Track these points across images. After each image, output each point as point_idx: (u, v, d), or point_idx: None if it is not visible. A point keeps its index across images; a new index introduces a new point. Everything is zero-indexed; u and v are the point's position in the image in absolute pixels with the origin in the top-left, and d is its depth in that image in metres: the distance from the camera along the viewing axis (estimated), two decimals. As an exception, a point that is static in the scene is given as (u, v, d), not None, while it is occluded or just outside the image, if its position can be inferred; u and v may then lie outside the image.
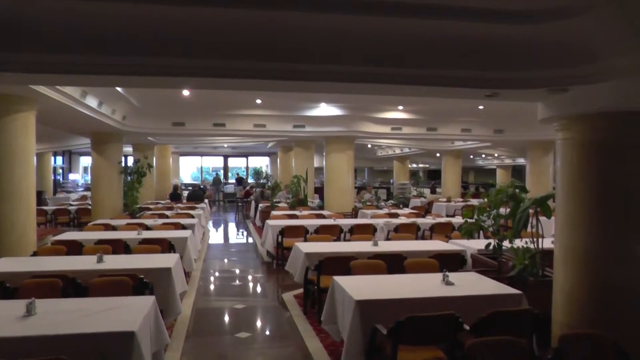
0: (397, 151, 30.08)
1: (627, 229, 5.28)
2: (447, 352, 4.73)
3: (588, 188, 5.39)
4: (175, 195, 21.33)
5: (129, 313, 4.52)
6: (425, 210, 18.88)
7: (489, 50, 4.80)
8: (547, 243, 6.83)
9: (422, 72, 4.88)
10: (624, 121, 5.20)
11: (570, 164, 5.57)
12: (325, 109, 15.81)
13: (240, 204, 25.81)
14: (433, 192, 25.47)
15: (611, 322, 5.11)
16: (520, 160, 30.18)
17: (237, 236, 18.65)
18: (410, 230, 11.50)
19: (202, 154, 37.82)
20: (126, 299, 5.10)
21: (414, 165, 43.87)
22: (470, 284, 5.96)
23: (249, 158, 38.85)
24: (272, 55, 4.61)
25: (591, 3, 4.00)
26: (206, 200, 22.38)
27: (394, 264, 7.04)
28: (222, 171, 38.55)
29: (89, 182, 24.20)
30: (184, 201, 21.36)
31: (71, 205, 19.31)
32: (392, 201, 22.48)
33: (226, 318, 7.91)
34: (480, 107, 14.27)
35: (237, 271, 11.57)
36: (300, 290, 8.40)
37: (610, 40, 4.34)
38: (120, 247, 8.36)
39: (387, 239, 10.97)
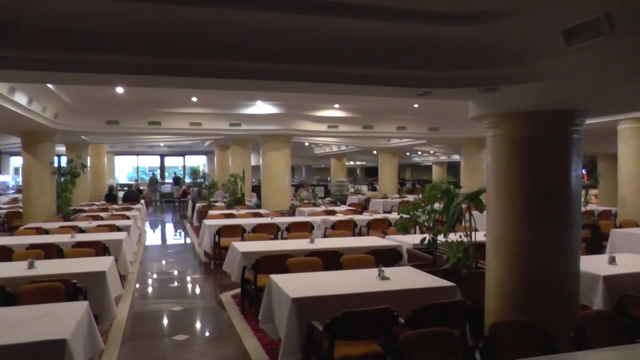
0: (335, 149, 30.25)
1: (553, 221, 5.57)
2: (383, 345, 4.83)
3: (517, 183, 5.63)
4: (110, 196, 20.89)
5: (60, 320, 4.37)
6: (363, 207, 19.09)
7: (422, 50, 4.90)
8: (480, 236, 7.05)
9: (355, 71, 4.93)
10: (549, 120, 5.49)
11: (500, 160, 5.78)
12: (261, 107, 15.75)
13: (177, 204, 25.48)
14: (373, 189, 25.70)
15: (539, 309, 5.37)
16: (456, 157, 30.78)
17: (174, 237, 18.43)
18: (347, 227, 11.62)
19: (138, 153, 36.96)
20: (58, 305, 4.93)
21: (352, 163, 44.20)
22: (406, 278, 6.08)
23: (186, 157, 38.27)
24: (201, 52, 4.56)
25: (517, 8, 4.17)
26: (142, 201, 21.99)
27: (331, 260, 7.10)
28: (158, 171, 37.88)
29: (20, 183, 23.40)
30: (120, 202, 20.91)
31: (1, 208, 18.59)
32: (330, 199, 22.63)
33: (163, 321, 7.79)
34: (416, 105, 14.51)
35: (175, 272, 11.42)
36: (238, 290, 8.34)
37: (535, 43, 4.55)
38: (53, 252, 8.08)
39: (325, 236, 11.02)
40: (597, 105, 5.91)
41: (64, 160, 18.46)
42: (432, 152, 31.80)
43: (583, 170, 15.69)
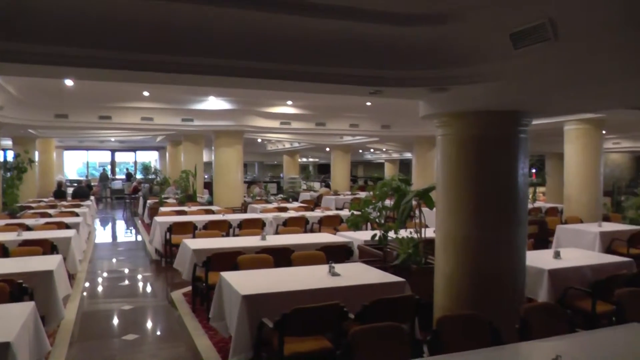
0: (287, 145, 30.21)
1: (499, 218, 5.74)
2: (332, 340, 4.88)
3: (465, 180, 5.77)
4: (59, 193, 20.45)
5: (4, 322, 4.22)
6: (315, 203, 19.15)
7: (373, 49, 4.96)
8: (429, 232, 7.18)
9: (307, 69, 4.97)
10: (497, 120, 5.66)
11: (449, 158, 5.91)
12: (214, 103, 15.65)
13: (128, 201, 25.10)
14: (327, 186, 25.78)
15: (486, 303, 5.53)
16: (408, 155, 31.06)
17: (125, 234, 18.11)
18: (299, 224, 11.65)
19: (88, 148, 36.22)
20: (2, 306, 4.75)
21: (304, 160, 44.22)
22: (356, 274, 6.15)
23: (138, 152, 37.70)
24: (153, 47, 4.52)
25: (467, 11, 4.29)
26: (92, 198, 21.60)
27: (282, 257, 7.12)
28: (109, 166, 37.24)
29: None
30: (69, 199, 20.48)
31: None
32: (282, 195, 22.62)
33: (113, 320, 7.66)
34: (368, 103, 14.64)
35: (125, 271, 11.22)
36: (189, 288, 8.28)
37: (483, 46, 4.69)
38: (-2, 251, 7.87)
39: (276, 233, 11.03)
40: (543, 107, 6.08)
41: (10, 155, 17.96)
42: (384, 149, 32.02)
43: (532, 169, 16.11)
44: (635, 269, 7.20)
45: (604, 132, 14.20)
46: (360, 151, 35.05)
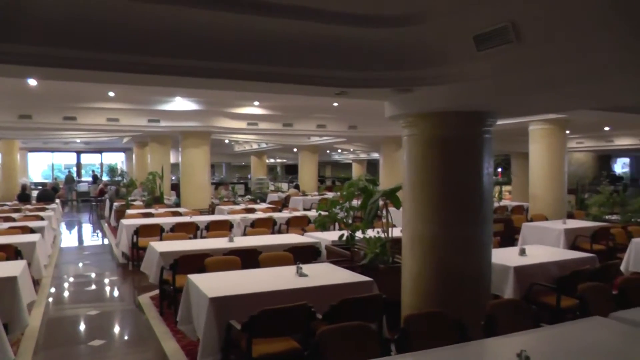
0: (255, 146, 30.13)
1: (465, 216, 5.82)
2: (301, 341, 4.89)
3: (431, 180, 5.83)
4: (23, 196, 20.10)
5: None
6: (283, 204, 19.13)
7: (339, 50, 4.98)
8: (397, 232, 7.22)
9: (273, 70, 4.96)
10: (461, 120, 5.75)
11: (415, 158, 5.97)
12: (180, 103, 15.49)
13: (94, 203, 24.77)
14: (296, 187, 25.73)
15: (453, 301, 5.60)
16: (375, 155, 31.21)
17: (91, 238, 17.81)
18: (266, 225, 11.64)
19: (53, 150, 35.56)
20: None
21: (272, 160, 44.16)
22: (324, 274, 6.16)
23: (104, 154, 37.19)
24: (116, 47, 4.46)
25: (431, 13, 4.33)
26: (58, 201, 21.27)
27: (249, 259, 7.10)
28: (75, 168, 36.67)
29: None
30: (34, 202, 20.14)
31: None
32: (250, 196, 22.55)
33: (80, 326, 7.53)
34: (335, 104, 14.65)
35: (92, 275, 11.04)
36: (157, 292, 8.19)
37: (448, 48, 4.76)
38: (-41, 257, 7.68)
39: (244, 234, 11.00)
40: (507, 108, 6.18)
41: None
42: (352, 150, 32.14)
43: (498, 168, 16.33)
44: (598, 264, 7.38)
45: (567, 132, 14.48)
46: (328, 152, 35.12)
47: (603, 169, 27.47)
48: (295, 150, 28.60)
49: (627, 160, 35.01)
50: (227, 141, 26.61)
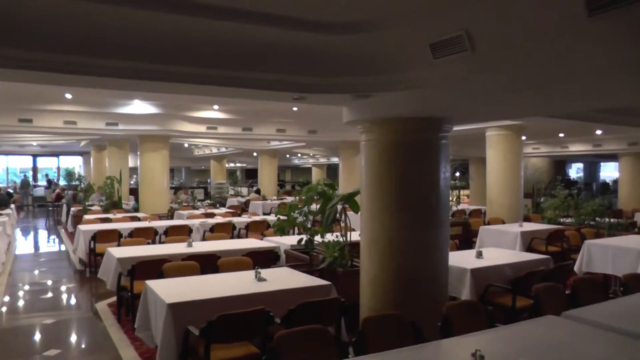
0: (214, 150, 29.95)
1: (422, 220, 5.93)
2: (259, 346, 4.90)
3: (388, 185, 5.92)
4: (-24, 201, 19.64)
5: None
6: (242, 209, 19.06)
7: (297, 56, 5.01)
8: (355, 236, 7.29)
9: (231, 74, 4.95)
10: (418, 126, 5.86)
11: (372, 163, 6.05)
12: (139, 107, 15.26)
13: (51, 209, 24.29)
14: (257, 192, 25.62)
15: (410, 303, 5.70)
16: (335, 159, 31.32)
17: (47, 244, 17.39)
18: (225, 230, 11.59)
19: (7, 153, 34.55)
20: None
21: (232, 165, 43.90)
22: (282, 278, 6.17)
23: (61, 157, 36.39)
24: (69, 48, 4.39)
25: (389, 21, 4.39)
26: (13, 206, 20.80)
27: (208, 264, 7.07)
28: (31, 172, 35.84)
29: None
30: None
31: None
32: (209, 201, 22.40)
33: (34, 336, 7.33)
34: (295, 108, 14.67)
35: (48, 283, 10.73)
36: (115, 299, 8.08)
37: (405, 54, 4.83)
38: None
39: (203, 239, 10.94)
40: (462, 114, 6.31)
41: None
42: (311, 154, 32.20)
43: (456, 173, 16.58)
44: (552, 265, 7.57)
45: (523, 137, 14.78)
46: (288, 156, 35.11)
47: (558, 173, 28.02)
48: (255, 154, 28.48)
49: (581, 165, 35.89)
50: (186, 145, 26.40)
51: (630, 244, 9.07)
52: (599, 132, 16.53)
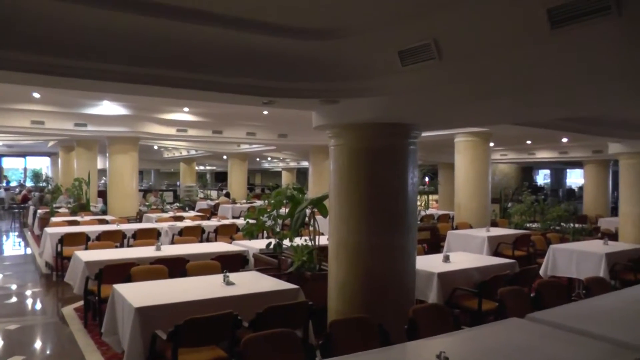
0: (184, 153, 29.78)
1: (389, 224, 5.99)
2: (227, 349, 4.91)
3: (356, 189, 5.97)
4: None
5: None
6: (211, 212, 18.99)
7: (267, 60, 5.03)
8: (323, 240, 7.34)
9: (201, 77, 4.95)
10: (387, 132, 5.92)
11: (341, 168, 6.10)
12: (108, 108, 15.03)
13: (17, 211, 23.89)
14: (227, 195, 25.51)
15: (378, 306, 5.75)
16: (305, 163, 31.35)
17: (13, 247, 17.06)
18: (194, 233, 11.55)
19: (-28, 153, 34.16)
20: None
21: (202, 168, 43.73)
22: (251, 282, 6.19)
23: (28, 158, 35.79)
24: (36, 48, 4.35)
25: (358, 27, 4.46)
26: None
27: (176, 267, 7.06)
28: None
29: None
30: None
31: None
32: (178, 204, 22.28)
33: (-3, 342, 7.20)
34: (265, 112, 14.67)
35: (13, 287, 10.48)
36: (82, 303, 7.95)
37: (373, 61, 4.91)
38: None
39: (172, 242, 10.88)
40: (430, 121, 6.40)
41: None
42: (281, 158, 32.21)
43: (425, 178, 16.74)
44: (518, 269, 7.72)
45: (491, 144, 15.02)
46: (258, 159, 35.08)
47: (525, 179, 28.44)
48: (225, 157, 28.40)
49: (548, 172, 36.49)
50: (156, 147, 26.20)
51: (593, 249, 9.35)
52: (564, 139, 16.82)
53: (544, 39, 3.66)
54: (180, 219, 14.42)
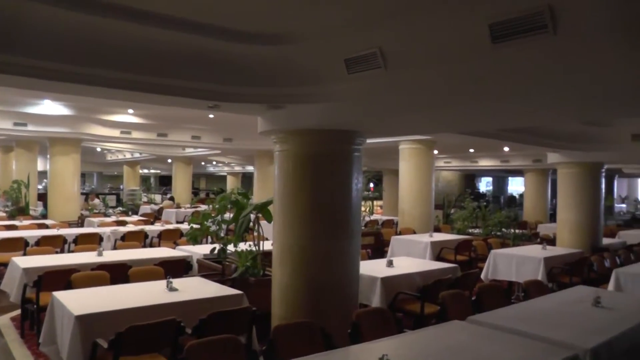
0: (128, 156, 29.27)
1: (333, 230, 6.05)
2: (169, 357, 4.85)
3: (301, 195, 6.00)
4: None
5: None
6: (155, 217, 18.75)
7: (213, 64, 5.02)
8: (267, 245, 7.34)
9: (145, 79, 4.87)
10: (331, 138, 5.98)
11: (286, 173, 6.12)
12: (50, 107, 14.53)
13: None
14: (171, 199, 25.17)
15: (321, 311, 5.81)
16: (250, 168, 31.22)
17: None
18: (137, 238, 11.37)
19: None
20: None
21: (146, 171, 43.08)
22: (194, 288, 6.13)
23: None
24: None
25: (305, 34, 4.50)
26: None
27: (119, 274, 6.91)
28: None
29: None
30: None
31: None
32: (122, 208, 21.91)
33: None
34: (211, 115, 14.57)
35: None
36: (19, 312, 7.64)
37: (319, 68, 4.96)
38: None
39: (114, 248, 10.69)
40: (375, 128, 6.48)
41: None
42: (227, 162, 32.02)
43: (370, 184, 16.92)
44: (459, 274, 7.90)
45: (435, 152, 15.28)
46: (203, 163, 34.78)
47: (468, 186, 29.01)
48: (169, 161, 28.05)
49: (490, 179, 37.31)
50: (99, 149, 25.67)
51: (532, 253, 9.69)
52: (506, 149, 17.24)
53: (485, 53, 3.78)
54: (123, 223, 14.17)
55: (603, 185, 12.09)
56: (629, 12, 3.20)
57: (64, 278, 6.57)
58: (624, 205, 31.36)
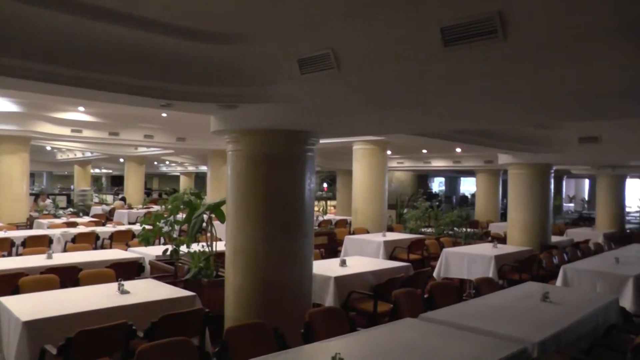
0: (79, 155, 28.63)
1: (286, 230, 6.08)
2: (120, 361, 4.79)
3: (253, 195, 6.02)
4: None
5: None
6: (107, 218, 18.45)
7: (164, 62, 4.95)
8: (221, 246, 7.30)
9: (94, 76, 4.76)
10: (284, 138, 6.03)
11: (238, 174, 6.13)
12: (-4, 103, 14.24)
13: None
14: (123, 199, 24.76)
15: (274, 311, 5.83)
16: (204, 168, 30.99)
17: None
18: (88, 240, 11.17)
19: None
20: None
21: (97, 171, 42.30)
22: (146, 290, 6.04)
23: None
24: None
25: (257, 33, 4.48)
26: None
27: (69, 277, 6.78)
28: None
29: None
30: None
31: None
32: (72, 209, 21.49)
33: None
34: (164, 114, 14.39)
35: None
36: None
37: (272, 68, 4.94)
38: None
39: (64, 250, 10.47)
40: (328, 129, 6.52)
41: None
42: (180, 162, 31.70)
43: (324, 184, 16.98)
44: (412, 272, 8.00)
45: (389, 152, 15.42)
46: (156, 163, 34.35)
47: (421, 186, 29.33)
48: (121, 160, 27.59)
49: (442, 179, 37.87)
50: (48, 148, 25.09)
51: (483, 252, 9.90)
52: (458, 150, 17.50)
53: (437, 56, 3.83)
54: (74, 225, 13.90)
55: (552, 186, 12.43)
56: (571, 24, 3.29)
57: (12, 282, 6.38)
58: (571, 205, 32.34)
